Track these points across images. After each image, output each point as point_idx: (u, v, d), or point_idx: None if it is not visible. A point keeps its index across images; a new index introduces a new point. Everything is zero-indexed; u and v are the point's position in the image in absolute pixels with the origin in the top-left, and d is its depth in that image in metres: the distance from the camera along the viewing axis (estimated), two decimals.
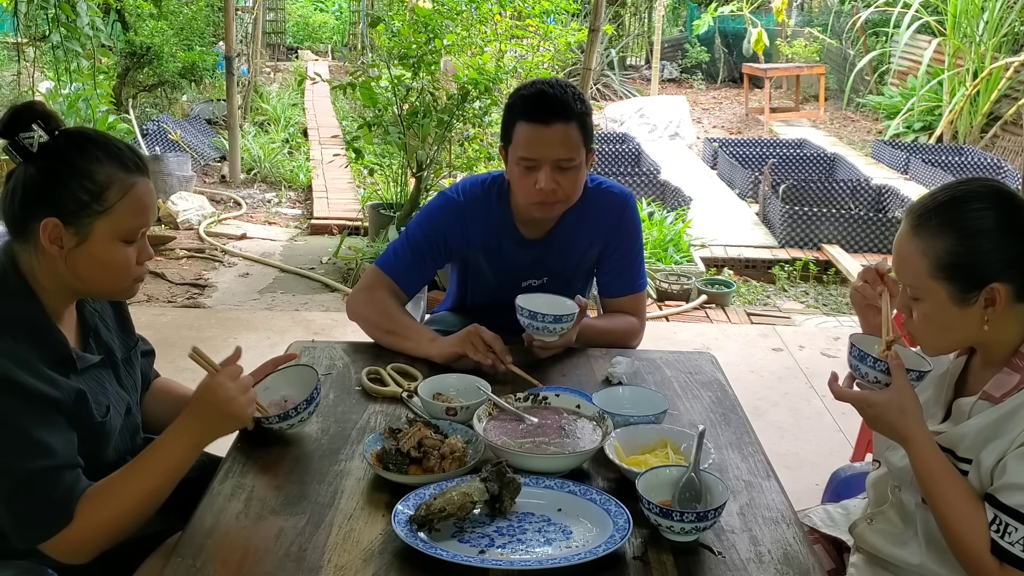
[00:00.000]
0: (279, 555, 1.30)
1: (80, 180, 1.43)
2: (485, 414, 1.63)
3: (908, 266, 1.45)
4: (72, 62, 5.61)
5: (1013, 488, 1.33)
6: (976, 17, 9.24)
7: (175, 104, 9.35)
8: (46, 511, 1.36)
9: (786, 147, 8.73)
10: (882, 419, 1.46)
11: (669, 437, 1.60)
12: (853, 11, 12.01)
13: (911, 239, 1.45)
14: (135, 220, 1.47)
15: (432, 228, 2.17)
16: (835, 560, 1.74)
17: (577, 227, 2.17)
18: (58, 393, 1.40)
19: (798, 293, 5.46)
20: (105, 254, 1.45)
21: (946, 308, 1.42)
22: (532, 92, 2.04)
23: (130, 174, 1.46)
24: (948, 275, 1.41)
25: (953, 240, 1.40)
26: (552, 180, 2.00)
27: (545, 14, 5.86)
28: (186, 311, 4.75)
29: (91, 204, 1.43)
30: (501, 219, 2.16)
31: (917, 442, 1.43)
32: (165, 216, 6.26)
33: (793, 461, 3.22)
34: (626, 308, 2.22)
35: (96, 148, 1.45)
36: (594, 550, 1.29)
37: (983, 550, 1.35)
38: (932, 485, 1.41)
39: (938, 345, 1.50)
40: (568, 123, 2.00)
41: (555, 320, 1.94)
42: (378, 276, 2.15)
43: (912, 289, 1.46)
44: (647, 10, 14.43)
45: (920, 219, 1.45)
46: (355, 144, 5.40)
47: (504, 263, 2.19)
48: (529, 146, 2.01)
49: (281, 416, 1.62)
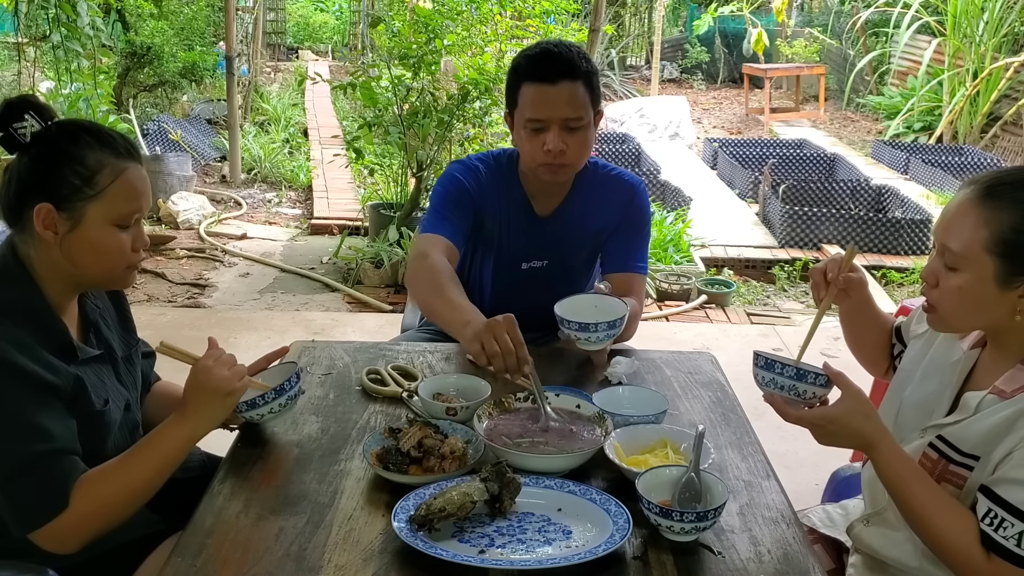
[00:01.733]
0: (279, 555, 1.30)
1: (71, 164, 1.44)
2: (485, 414, 1.63)
3: (961, 233, 1.38)
4: (72, 62, 5.61)
5: (1014, 483, 1.31)
6: (976, 17, 9.24)
7: (175, 104, 9.35)
8: (44, 496, 1.36)
9: (786, 147, 8.73)
10: (847, 429, 1.40)
11: (669, 437, 1.60)
12: (853, 11, 12.01)
13: (975, 206, 1.37)
14: (127, 205, 1.48)
15: (455, 186, 2.14)
16: (835, 560, 1.74)
17: (585, 207, 2.16)
18: (57, 379, 1.40)
19: (798, 293, 5.46)
20: (98, 238, 1.46)
21: (986, 285, 1.37)
22: (537, 52, 2.01)
23: (121, 159, 1.48)
24: (1004, 251, 1.35)
25: (1022, 217, 1.34)
26: (560, 141, 1.98)
27: (545, 14, 5.86)
28: (186, 311, 4.75)
29: (82, 188, 1.44)
30: (513, 190, 2.15)
31: (883, 446, 1.39)
32: (165, 216, 6.26)
33: (793, 461, 3.22)
34: (625, 286, 2.12)
35: (87, 135, 1.47)
36: (594, 550, 1.29)
37: (970, 545, 1.33)
38: (904, 487, 1.38)
39: (961, 321, 1.45)
40: (575, 81, 1.98)
41: (609, 327, 1.83)
42: (426, 239, 2.08)
43: (953, 257, 1.39)
44: (647, 10, 14.44)
45: (992, 189, 1.37)
46: (355, 144, 5.40)
47: (511, 237, 2.17)
48: (536, 106, 1.98)
49: (249, 404, 1.59)
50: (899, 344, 1.75)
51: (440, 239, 2.07)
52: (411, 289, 2.07)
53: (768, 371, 1.45)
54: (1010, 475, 1.33)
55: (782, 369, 1.44)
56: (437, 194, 2.16)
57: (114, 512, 1.42)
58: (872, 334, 1.79)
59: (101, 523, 1.41)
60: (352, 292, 5.01)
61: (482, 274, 2.24)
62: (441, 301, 1.92)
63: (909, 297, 5.07)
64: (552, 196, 2.16)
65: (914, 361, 1.63)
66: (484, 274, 2.24)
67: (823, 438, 1.44)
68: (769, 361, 1.45)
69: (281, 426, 1.69)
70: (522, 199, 2.16)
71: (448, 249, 2.06)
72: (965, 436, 1.42)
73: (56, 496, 1.36)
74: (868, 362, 1.82)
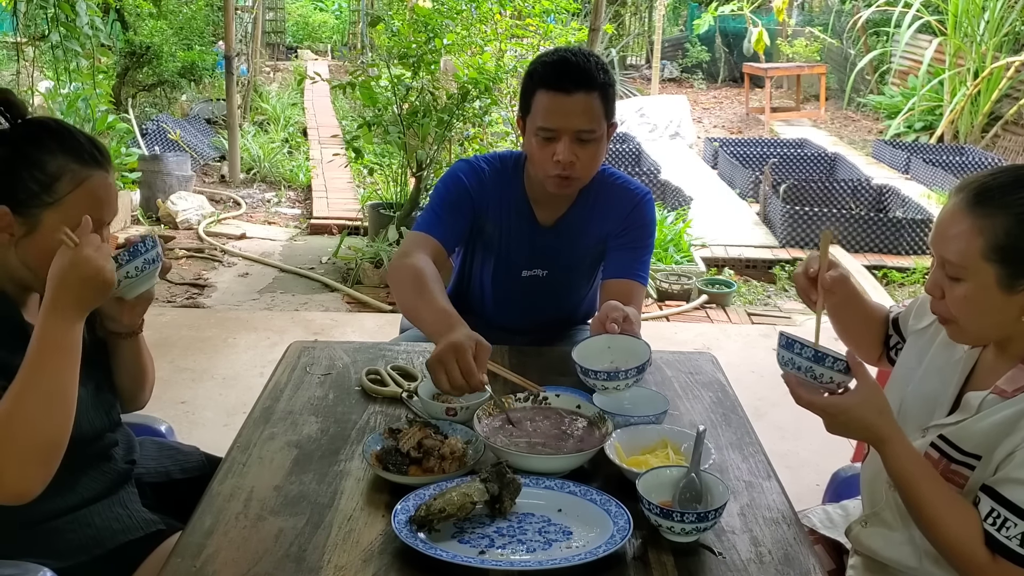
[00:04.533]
0: (279, 555, 1.30)
1: (30, 169, 1.41)
2: (485, 414, 1.63)
3: (956, 243, 1.37)
4: (71, 61, 5.61)
5: (1016, 483, 1.31)
6: (977, 17, 9.24)
7: (174, 104, 9.35)
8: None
9: (787, 147, 8.73)
10: (858, 421, 1.38)
11: (669, 437, 1.59)
12: (854, 10, 12.00)
13: (966, 215, 1.36)
14: (86, 214, 1.41)
15: (456, 187, 2.12)
16: (835, 560, 1.73)
17: (590, 217, 2.13)
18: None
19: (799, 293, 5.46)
20: (53, 246, 1.39)
21: (990, 292, 1.36)
22: (554, 59, 1.98)
23: (85, 167, 1.44)
24: (1002, 257, 1.34)
25: (1013, 221, 1.33)
26: (571, 152, 1.95)
27: (545, 13, 5.85)
28: (186, 311, 4.75)
29: (40, 194, 1.41)
30: (517, 197, 2.12)
31: (894, 442, 1.38)
32: (164, 216, 6.26)
33: (794, 461, 3.22)
34: (623, 293, 2.07)
35: (51, 139, 1.44)
36: (594, 551, 1.29)
37: (976, 545, 1.32)
38: (913, 485, 1.37)
39: (979, 329, 1.43)
40: (590, 92, 1.94)
41: (639, 370, 1.71)
42: (415, 237, 2.06)
43: (953, 268, 1.38)
44: (647, 9, 14.44)
45: (980, 196, 1.36)
46: (355, 144, 5.40)
47: (512, 244, 2.15)
48: (549, 115, 1.95)
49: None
50: (896, 336, 1.74)
51: (429, 239, 2.05)
52: (392, 287, 2.03)
53: (788, 351, 1.43)
54: (1013, 475, 1.32)
55: (801, 349, 1.42)
56: (437, 192, 2.14)
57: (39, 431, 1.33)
58: (863, 326, 1.78)
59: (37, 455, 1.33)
60: (352, 292, 5.01)
61: (482, 278, 2.23)
62: (422, 303, 1.87)
63: (910, 297, 5.06)
64: (556, 205, 2.13)
65: (915, 359, 1.63)
66: (484, 278, 2.23)
67: (833, 428, 1.41)
68: (790, 340, 1.43)
69: (281, 426, 1.69)
70: (525, 206, 2.13)
71: (436, 250, 2.03)
72: (966, 436, 1.41)
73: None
74: (861, 351, 1.80)
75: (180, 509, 1.59)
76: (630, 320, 1.83)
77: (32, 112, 1.51)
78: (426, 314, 1.84)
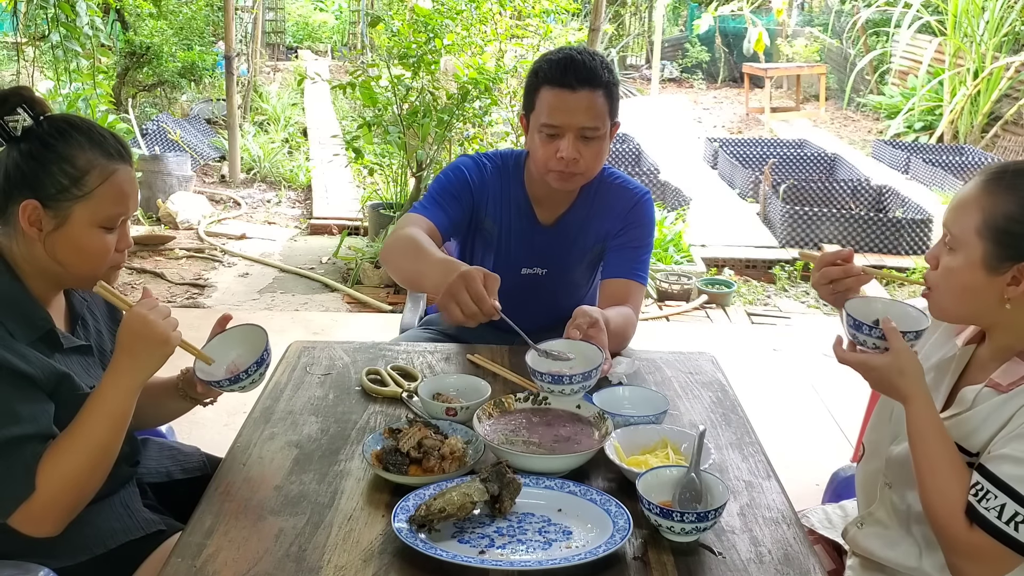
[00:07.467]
0: (279, 555, 1.30)
1: (60, 164, 1.43)
2: (485, 414, 1.63)
3: (961, 214, 1.44)
4: (71, 62, 5.60)
5: (1005, 459, 1.33)
6: (977, 17, 9.24)
7: (175, 104, 9.35)
8: (12, 481, 1.34)
9: (786, 147, 8.72)
10: (884, 381, 1.47)
11: (669, 437, 1.59)
12: (854, 11, 12.01)
13: (977, 191, 1.43)
14: (114, 207, 1.47)
15: (457, 177, 2.12)
16: (835, 560, 1.74)
17: (589, 216, 2.14)
18: (30, 367, 1.38)
19: (798, 293, 5.46)
20: (83, 239, 1.45)
21: (974, 269, 1.42)
22: (560, 57, 1.99)
23: (111, 161, 1.47)
24: (993, 236, 1.39)
25: (1015, 206, 1.39)
26: (575, 149, 1.96)
27: (545, 14, 5.85)
28: (186, 311, 4.75)
29: (70, 188, 1.43)
30: (517, 195, 2.13)
31: (915, 400, 1.43)
32: (164, 216, 6.26)
33: (793, 461, 3.21)
34: (621, 293, 2.08)
35: (78, 134, 1.46)
36: (594, 550, 1.29)
37: (956, 511, 1.36)
38: (920, 442, 1.41)
39: (953, 304, 1.48)
40: (595, 90, 1.96)
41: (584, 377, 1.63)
42: (409, 216, 2.05)
43: (952, 239, 1.45)
44: (647, 9, 14.43)
45: (994, 176, 1.43)
46: (355, 144, 5.40)
47: (511, 242, 2.15)
48: (553, 112, 1.96)
49: (232, 379, 1.58)
50: None
51: (424, 220, 2.04)
52: (388, 262, 2.00)
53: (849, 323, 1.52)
54: (1003, 451, 1.35)
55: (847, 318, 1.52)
56: (438, 181, 2.14)
57: (80, 484, 1.39)
58: None
59: (70, 498, 1.39)
60: (351, 292, 5.01)
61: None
62: (421, 260, 1.86)
63: (910, 297, 5.06)
64: (556, 204, 2.14)
65: None
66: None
67: (871, 384, 1.52)
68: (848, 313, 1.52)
69: (281, 426, 1.69)
70: (525, 204, 2.14)
71: (430, 230, 2.02)
72: (963, 430, 1.44)
73: (23, 481, 1.34)
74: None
75: (180, 509, 1.59)
76: (598, 327, 1.80)
77: None
78: (426, 267, 1.84)
